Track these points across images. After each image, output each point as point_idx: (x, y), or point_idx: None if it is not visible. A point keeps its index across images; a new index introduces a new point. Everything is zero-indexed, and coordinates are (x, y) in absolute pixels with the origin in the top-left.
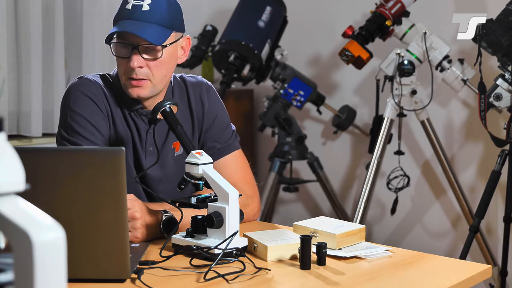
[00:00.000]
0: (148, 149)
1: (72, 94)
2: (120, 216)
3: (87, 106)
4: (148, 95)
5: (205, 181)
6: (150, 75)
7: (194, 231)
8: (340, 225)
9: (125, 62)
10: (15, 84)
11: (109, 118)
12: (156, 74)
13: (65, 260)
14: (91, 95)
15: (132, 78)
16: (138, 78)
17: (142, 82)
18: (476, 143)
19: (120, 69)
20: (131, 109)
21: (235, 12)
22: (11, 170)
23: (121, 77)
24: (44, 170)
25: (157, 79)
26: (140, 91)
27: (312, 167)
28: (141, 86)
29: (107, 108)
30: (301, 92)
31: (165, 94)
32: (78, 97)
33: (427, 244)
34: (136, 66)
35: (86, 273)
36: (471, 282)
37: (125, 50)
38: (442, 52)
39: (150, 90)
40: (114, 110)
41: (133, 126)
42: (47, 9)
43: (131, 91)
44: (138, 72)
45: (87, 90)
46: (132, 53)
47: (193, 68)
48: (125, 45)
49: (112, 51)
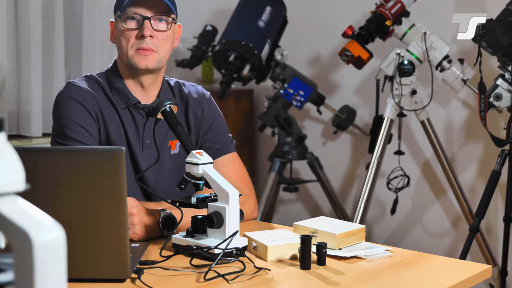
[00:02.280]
0: (145, 142)
1: (61, 101)
2: (120, 216)
3: (76, 110)
4: (155, 67)
5: (205, 181)
6: (158, 46)
7: (194, 231)
8: (340, 225)
9: (133, 34)
10: (15, 84)
11: (99, 118)
12: (163, 46)
13: (65, 260)
14: (79, 99)
15: (140, 48)
16: (147, 48)
17: (149, 52)
18: (476, 143)
19: (128, 42)
20: (127, 103)
21: (235, 12)
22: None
23: (128, 51)
24: (44, 170)
25: (163, 52)
26: (148, 62)
27: (312, 167)
28: (149, 56)
29: (95, 109)
30: (301, 92)
31: (161, 85)
32: (67, 103)
33: (427, 244)
34: (148, 35)
35: (86, 273)
36: (471, 282)
37: (135, 23)
38: (442, 52)
39: (157, 61)
40: (104, 109)
41: (129, 120)
42: (47, 9)
43: (139, 61)
44: (149, 42)
45: (75, 95)
46: (144, 24)
47: (193, 68)
48: (135, 18)
49: (121, 24)
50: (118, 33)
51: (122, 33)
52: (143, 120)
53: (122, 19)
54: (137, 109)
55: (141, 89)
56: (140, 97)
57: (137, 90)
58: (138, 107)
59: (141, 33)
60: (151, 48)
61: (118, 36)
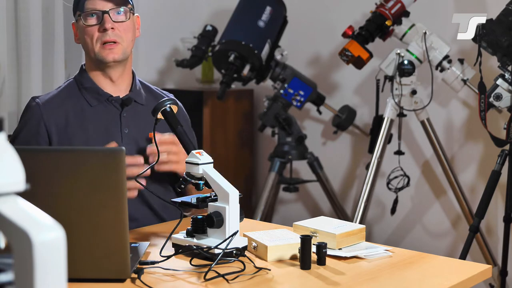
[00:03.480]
0: (124, 132)
1: (20, 119)
2: (120, 216)
3: (23, 132)
4: (121, 58)
5: (205, 181)
6: (120, 37)
7: (194, 231)
8: (340, 225)
9: (95, 29)
10: (15, 84)
11: (61, 125)
12: (125, 37)
13: (65, 260)
14: (29, 122)
15: (105, 42)
16: (111, 40)
17: (114, 45)
18: (476, 143)
19: (92, 38)
20: (98, 100)
21: (235, 12)
22: (11, 170)
23: (94, 46)
24: (44, 170)
25: (126, 42)
26: (115, 54)
27: (312, 167)
28: (114, 48)
29: (50, 120)
30: (301, 92)
31: (132, 78)
32: (19, 125)
33: (427, 244)
34: (109, 27)
35: (86, 273)
36: (471, 282)
37: (95, 19)
38: (442, 52)
39: (122, 52)
40: (76, 110)
41: (105, 114)
42: (47, 9)
43: (106, 55)
44: (111, 34)
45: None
46: (104, 18)
47: (193, 68)
48: (94, 14)
49: (82, 22)
50: (81, 32)
51: (85, 30)
52: (118, 111)
53: (83, 17)
54: (110, 102)
55: (111, 83)
56: (111, 91)
57: (107, 85)
58: (111, 100)
59: (102, 27)
60: (114, 39)
61: (81, 35)
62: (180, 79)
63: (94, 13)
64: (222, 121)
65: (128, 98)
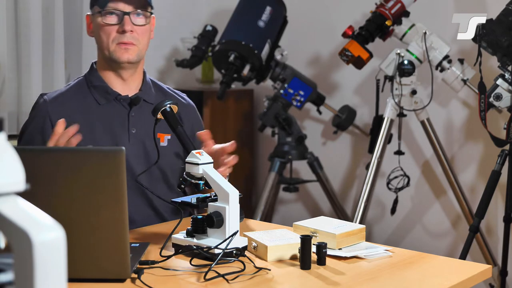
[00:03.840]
0: (131, 131)
1: (29, 114)
2: (120, 216)
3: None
4: (135, 60)
5: (205, 181)
6: (137, 40)
7: (194, 231)
8: (340, 225)
9: (114, 29)
10: (15, 84)
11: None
12: (142, 40)
13: (65, 260)
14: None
15: (121, 42)
16: (128, 42)
17: (130, 46)
18: (476, 143)
19: (108, 37)
20: (107, 98)
21: (235, 12)
22: (11, 170)
23: (109, 45)
24: (44, 170)
25: (142, 45)
26: (130, 55)
27: (312, 167)
28: (129, 49)
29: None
30: (301, 92)
31: (142, 78)
32: (27, 121)
33: (427, 244)
34: (129, 30)
35: (86, 273)
36: (471, 282)
37: (115, 18)
38: (442, 52)
39: (137, 54)
40: (84, 108)
41: (113, 113)
42: (47, 9)
43: (121, 55)
44: (129, 36)
45: (34, 113)
46: (124, 19)
47: (193, 68)
48: (115, 14)
49: (101, 19)
50: (97, 28)
51: (102, 28)
52: (127, 110)
53: (102, 14)
54: (119, 101)
55: (122, 81)
56: (120, 90)
57: (118, 83)
58: (120, 99)
59: (122, 28)
60: (131, 41)
61: (97, 31)
62: (180, 79)
63: (114, 12)
64: (222, 121)
65: (136, 97)
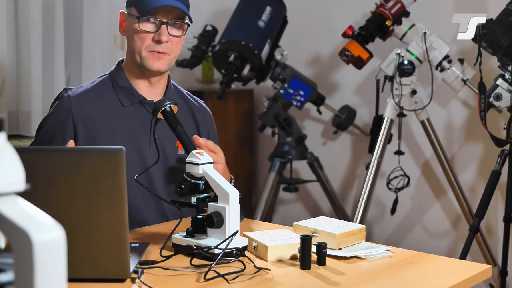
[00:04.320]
0: (152, 137)
1: (50, 106)
2: (120, 216)
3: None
4: (165, 69)
5: (205, 181)
6: (171, 50)
7: (194, 231)
8: (340, 225)
9: (149, 36)
10: (15, 84)
11: (88, 122)
12: (175, 49)
13: (65, 260)
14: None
15: (155, 51)
16: (162, 52)
17: (163, 55)
18: (476, 143)
19: (142, 43)
20: (132, 101)
21: (235, 12)
22: (11, 170)
23: (142, 51)
24: (44, 170)
25: (174, 54)
26: (161, 64)
27: (312, 167)
28: (161, 58)
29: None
30: (301, 92)
31: (167, 82)
32: (49, 113)
33: (427, 244)
34: (165, 41)
35: (86, 273)
36: (471, 282)
37: (152, 26)
38: (442, 52)
39: (168, 63)
40: (107, 108)
41: (136, 117)
42: (47, 9)
43: (152, 64)
44: (164, 46)
45: (56, 107)
46: (161, 29)
47: (193, 68)
48: (152, 21)
49: (138, 25)
50: (132, 31)
51: (138, 33)
52: (150, 116)
53: (140, 20)
54: (143, 105)
55: (148, 85)
56: (146, 94)
57: (144, 87)
58: (145, 103)
59: (157, 37)
60: (165, 51)
61: (131, 33)
62: (180, 79)
63: (152, 20)
64: (222, 121)
65: (153, 110)
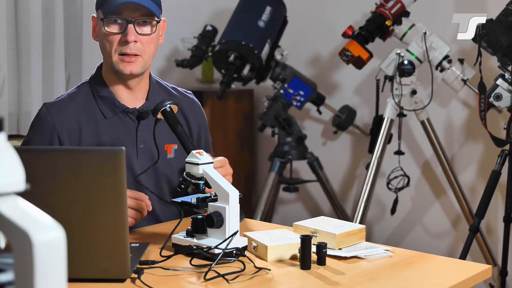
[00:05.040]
0: (139, 146)
1: (31, 125)
2: (120, 216)
3: (34, 141)
4: (140, 71)
5: (205, 181)
6: (142, 50)
7: (194, 231)
8: (340, 225)
9: (117, 38)
10: (15, 84)
11: (73, 135)
12: (147, 50)
13: (65, 260)
14: (40, 131)
15: (125, 54)
16: (131, 53)
17: (134, 58)
18: (476, 143)
19: (111, 46)
20: (114, 111)
21: (235, 12)
22: (11, 170)
23: (112, 56)
24: (44, 170)
25: (147, 55)
26: (133, 67)
27: (312, 167)
28: (133, 62)
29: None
30: (301, 92)
31: (148, 85)
32: (30, 132)
33: (427, 244)
34: (132, 40)
35: (86, 273)
36: (471, 282)
37: (118, 26)
38: (442, 52)
39: (142, 66)
40: (90, 120)
41: (120, 127)
42: (47, 9)
43: (124, 67)
44: (132, 47)
45: (37, 122)
46: (127, 28)
47: (193, 68)
48: (118, 22)
49: (104, 27)
50: (101, 35)
51: (105, 36)
52: (135, 124)
53: (105, 22)
54: (126, 114)
55: (128, 91)
56: (127, 101)
57: (124, 93)
58: (127, 112)
59: (124, 38)
60: (135, 52)
61: (100, 37)
62: (180, 79)
63: (118, 20)
64: (222, 121)
65: (145, 111)
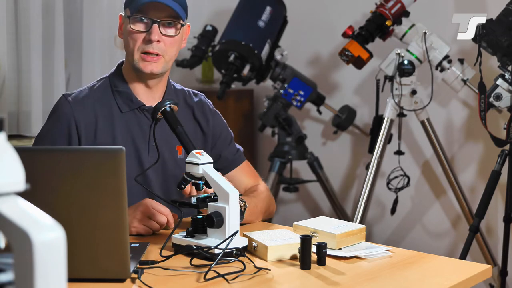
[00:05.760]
0: (151, 144)
1: (49, 115)
2: (120, 216)
3: (52, 131)
4: (160, 71)
5: (205, 181)
6: (164, 51)
7: (194, 231)
8: (340, 225)
9: (141, 37)
10: (15, 84)
11: (90, 127)
12: (169, 51)
13: (65, 260)
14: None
15: (147, 52)
16: (154, 53)
17: (156, 58)
18: (476, 143)
19: (135, 44)
20: (130, 106)
21: (235, 12)
22: (11, 170)
23: (134, 53)
24: (44, 170)
25: (168, 56)
26: (154, 67)
27: (312, 167)
28: (155, 62)
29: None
30: (301, 92)
31: (166, 86)
32: (49, 122)
33: (427, 244)
34: (155, 40)
35: (86, 273)
36: (471, 282)
37: (143, 25)
38: (442, 52)
39: (163, 66)
40: (107, 113)
41: (134, 123)
42: (47, 9)
43: (144, 66)
44: (155, 46)
45: (55, 113)
46: (152, 28)
47: (193, 68)
48: (144, 21)
49: (129, 26)
50: (126, 32)
51: (130, 34)
52: (149, 122)
53: (131, 20)
54: (142, 111)
55: (146, 89)
56: (145, 98)
57: (142, 91)
58: (143, 109)
59: (148, 37)
60: (156, 52)
61: (125, 35)
62: (180, 79)
63: (144, 19)
64: None
65: (153, 110)
